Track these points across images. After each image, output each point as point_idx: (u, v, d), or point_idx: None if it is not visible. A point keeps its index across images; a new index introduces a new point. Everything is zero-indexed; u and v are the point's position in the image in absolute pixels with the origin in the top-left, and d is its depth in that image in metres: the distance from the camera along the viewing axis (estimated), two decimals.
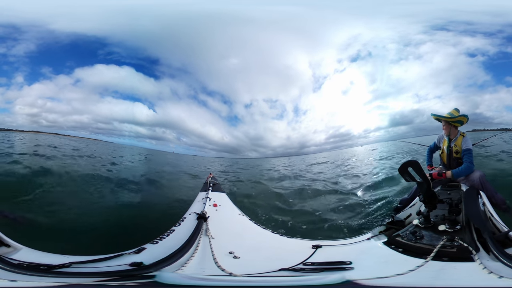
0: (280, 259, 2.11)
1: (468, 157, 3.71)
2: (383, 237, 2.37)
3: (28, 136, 15.51)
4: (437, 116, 3.95)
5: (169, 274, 1.72)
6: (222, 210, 3.34)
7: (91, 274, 1.72)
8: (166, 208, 5.49)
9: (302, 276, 1.82)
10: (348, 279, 1.66)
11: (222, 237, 2.49)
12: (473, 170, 3.67)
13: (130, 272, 1.75)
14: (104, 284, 1.60)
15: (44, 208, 4.67)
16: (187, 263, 1.94)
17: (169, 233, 2.50)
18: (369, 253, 2.26)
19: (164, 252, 1.98)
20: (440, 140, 4.14)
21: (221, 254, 2.11)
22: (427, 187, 2.41)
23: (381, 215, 4.59)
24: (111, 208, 5.21)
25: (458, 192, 3.19)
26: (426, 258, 1.79)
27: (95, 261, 1.92)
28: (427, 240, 2.11)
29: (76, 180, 6.78)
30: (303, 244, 2.41)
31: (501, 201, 3.53)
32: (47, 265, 1.78)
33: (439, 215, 2.45)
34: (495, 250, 1.78)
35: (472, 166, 3.68)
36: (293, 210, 5.61)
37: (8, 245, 2.13)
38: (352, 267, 1.85)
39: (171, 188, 7.95)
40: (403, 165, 2.28)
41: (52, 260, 1.89)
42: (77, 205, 5.06)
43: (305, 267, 1.91)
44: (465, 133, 3.91)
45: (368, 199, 5.63)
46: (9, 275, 1.64)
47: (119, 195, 6.22)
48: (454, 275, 1.70)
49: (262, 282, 1.78)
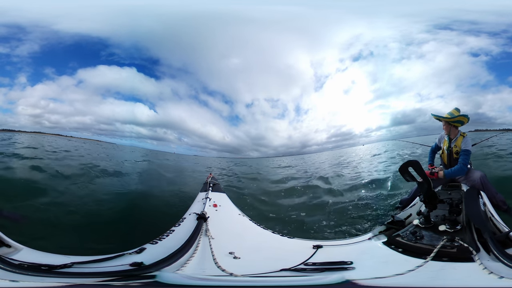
0: (281, 259, 2.12)
1: (463, 158, 3.68)
2: (383, 237, 2.37)
3: (31, 138, 15.46)
4: (436, 116, 3.94)
5: (170, 274, 1.73)
6: (222, 211, 3.34)
7: (93, 274, 1.72)
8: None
9: (303, 276, 1.82)
10: (348, 279, 1.66)
11: (222, 238, 2.49)
12: (466, 172, 3.66)
13: (131, 272, 1.76)
14: (106, 284, 1.61)
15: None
16: (187, 263, 1.95)
17: (169, 233, 2.50)
18: (370, 253, 2.26)
19: (164, 252, 1.99)
20: (441, 140, 4.13)
21: (221, 255, 2.11)
22: (427, 187, 2.41)
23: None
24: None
25: (458, 192, 3.19)
26: (426, 258, 1.79)
27: (96, 261, 1.93)
28: (427, 240, 2.11)
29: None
30: (304, 244, 2.42)
31: (501, 202, 3.53)
32: (48, 265, 1.78)
33: (439, 215, 2.45)
34: (495, 251, 1.78)
35: (465, 168, 3.67)
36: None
37: (9, 246, 2.13)
38: (353, 267, 1.85)
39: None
40: (404, 165, 2.28)
41: (53, 260, 1.90)
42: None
43: (306, 267, 1.92)
44: (466, 133, 3.89)
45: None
46: (10, 275, 1.65)
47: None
48: (454, 275, 1.70)
49: (263, 282, 1.78)
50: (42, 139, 15.96)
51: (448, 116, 3.82)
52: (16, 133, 16.11)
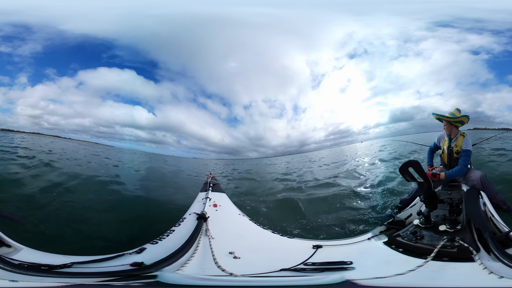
0: (281, 259, 2.11)
1: (464, 159, 3.69)
2: (383, 237, 2.37)
3: (31, 139, 15.44)
4: (438, 115, 3.93)
5: (170, 274, 1.73)
6: (222, 210, 3.34)
7: (93, 274, 1.72)
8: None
9: (303, 276, 1.82)
10: (348, 279, 1.66)
11: (222, 237, 2.49)
12: (466, 173, 3.67)
13: (132, 272, 1.75)
14: (107, 284, 1.61)
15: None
16: (187, 263, 1.95)
17: (169, 233, 2.50)
18: (370, 253, 2.26)
19: (164, 252, 1.99)
20: (440, 140, 4.13)
21: (221, 254, 2.11)
22: (427, 187, 2.41)
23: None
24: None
25: (459, 192, 3.19)
26: (426, 258, 1.79)
27: (96, 261, 1.93)
28: (427, 240, 2.11)
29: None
30: (304, 244, 2.41)
31: (502, 202, 3.53)
32: (48, 265, 1.78)
33: (439, 215, 2.45)
34: (495, 250, 1.78)
35: (465, 169, 3.67)
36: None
37: (9, 245, 2.13)
38: (353, 267, 1.85)
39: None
40: (404, 165, 2.28)
41: (53, 260, 1.90)
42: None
43: (306, 267, 1.91)
44: (466, 133, 3.90)
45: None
46: (10, 275, 1.65)
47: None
48: (454, 275, 1.70)
49: (263, 282, 1.78)
50: (38, 140, 15.95)
51: (450, 116, 3.82)
52: (15, 133, 16.09)
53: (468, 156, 3.72)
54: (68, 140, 17.70)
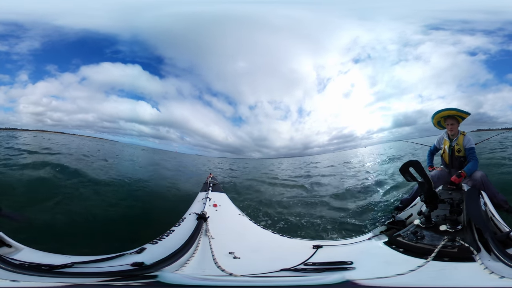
0: (281, 259, 2.11)
1: (473, 155, 3.82)
2: (384, 237, 2.37)
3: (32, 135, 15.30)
4: (441, 112, 3.91)
5: (171, 274, 1.73)
6: (222, 210, 3.34)
7: (94, 274, 1.73)
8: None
9: (303, 276, 1.82)
10: (348, 279, 1.66)
11: (222, 237, 2.49)
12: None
13: (132, 272, 1.76)
14: (107, 284, 1.61)
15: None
16: (187, 263, 1.95)
17: (169, 233, 2.50)
18: (370, 253, 2.26)
19: (164, 252, 1.99)
20: (439, 141, 4.16)
21: (221, 255, 2.11)
22: (428, 187, 2.40)
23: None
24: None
25: (459, 192, 3.19)
26: (427, 258, 1.79)
27: (97, 261, 1.93)
28: (428, 240, 2.11)
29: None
30: (304, 244, 2.41)
31: (502, 201, 3.53)
32: (49, 265, 1.78)
33: (440, 215, 2.44)
34: (496, 250, 1.77)
35: (477, 162, 3.78)
36: None
37: (10, 245, 2.14)
38: (353, 267, 1.85)
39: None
40: (404, 165, 2.28)
41: (54, 260, 1.90)
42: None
43: (306, 267, 1.91)
44: (466, 132, 3.94)
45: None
46: (11, 275, 1.65)
47: None
48: (455, 275, 1.69)
49: (263, 282, 1.78)
50: (42, 136, 15.83)
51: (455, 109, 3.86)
52: (18, 132, 16.01)
53: (475, 152, 3.84)
54: (71, 135, 17.64)
